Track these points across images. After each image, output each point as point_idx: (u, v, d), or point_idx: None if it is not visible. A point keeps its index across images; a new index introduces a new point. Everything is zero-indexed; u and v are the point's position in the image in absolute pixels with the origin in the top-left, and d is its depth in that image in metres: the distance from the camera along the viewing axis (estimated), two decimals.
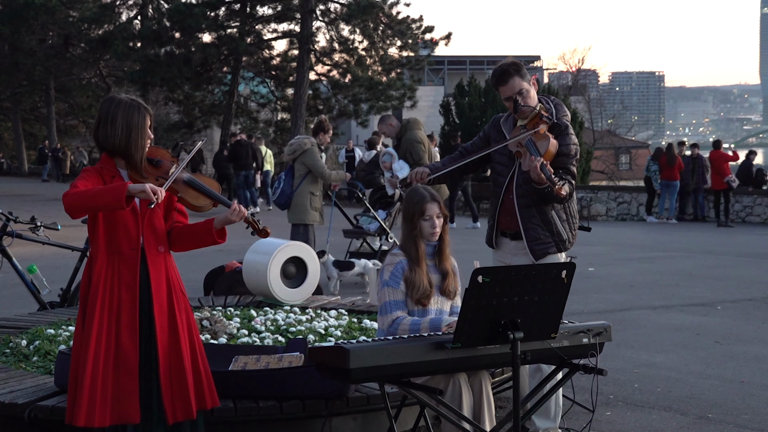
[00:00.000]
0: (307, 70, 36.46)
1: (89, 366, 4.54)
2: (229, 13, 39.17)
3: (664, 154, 25.50)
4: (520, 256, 5.86)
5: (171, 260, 4.87)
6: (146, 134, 4.75)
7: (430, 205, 5.35)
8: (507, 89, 5.80)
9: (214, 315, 7.54)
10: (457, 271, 5.52)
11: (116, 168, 4.74)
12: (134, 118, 4.72)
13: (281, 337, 7.27)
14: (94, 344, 4.56)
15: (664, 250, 17.78)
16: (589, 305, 11.16)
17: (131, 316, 4.63)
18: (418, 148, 12.73)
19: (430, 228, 5.34)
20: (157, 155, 4.85)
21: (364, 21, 36.68)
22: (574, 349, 4.84)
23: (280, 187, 11.81)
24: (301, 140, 11.89)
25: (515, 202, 5.83)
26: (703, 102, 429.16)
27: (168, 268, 4.81)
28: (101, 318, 4.60)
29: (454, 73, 69.47)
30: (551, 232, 5.84)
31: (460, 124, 34.32)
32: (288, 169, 11.97)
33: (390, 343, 4.51)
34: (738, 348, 9.05)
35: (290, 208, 11.79)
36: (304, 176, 11.75)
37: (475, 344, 4.50)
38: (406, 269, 5.30)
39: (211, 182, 4.96)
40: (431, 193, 5.42)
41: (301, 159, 11.78)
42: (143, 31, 39.78)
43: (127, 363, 4.60)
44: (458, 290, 5.45)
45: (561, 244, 5.88)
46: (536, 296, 4.46)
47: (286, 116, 43.05)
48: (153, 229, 4.76)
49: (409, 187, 5.71)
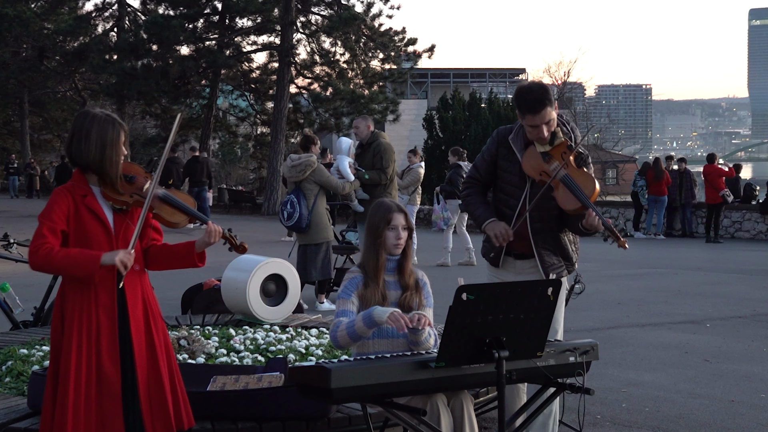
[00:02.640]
0: (287, 83, 36.50)
1: (71, 391, 4.51)
2: (207, 25, 39.25)
3: (652, 168, 25.59)
4: (526, 275, 5.77)
5: (146, 279, 4.87)
6: (120, 150, 4.73)
7: (397, 215, 5.29)
8: (537, 119, 5.57)
9: (191, 334, 7.51)
10: (423, 284, 5.40)
11: (88, 186, 4.72)
12: (108, 133, 4.70)
13: (261, 356, 7.24)
14: (74, 369, 4.53)
15: (651, 267, 17.82)
16: (575, 323, 11.17)
17: (111, 339, 4.61)
18: (389, 156, 12.58)
19: (394, 239, 5.26)
20: (131, 171, 4.84)
21: (345, 33, 36.76)
22: (560, 368, 4.84)
23: (297, 212, 11.85)
24: (305, 159, 11.97)
25: (528, 226, 5.72)
26: (691, 115, 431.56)
27: (144, 287, 4.80)
28: (80, 342, 4.57)
29: (438, 86, 69.51)
30: (563, 256, 5.81)
31: (444, 138, 34.41)
32: (296, 192, 11.98)
33: (372, 362, 4.50)
34: (727, 366, 9.07)
35: (310, 229, 11.85)
36: (317, 195, 11.89)
37: (459, 363, 4.49)
38: (360, 285, 5.24)
39: (186, 198, 4.95)
40: (398, 205, 5.38)
41: (310, 178, 11.89)
42: (120, 43, 39.76)
43: (110, 388, 4.58)
44: (423, 303, 5.36)
45: (570, 267, 5.86)
46: (522, 314, 4.46)
47: (265, 130, 43.12)
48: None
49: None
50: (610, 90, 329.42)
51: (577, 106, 63.75)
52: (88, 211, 4.65)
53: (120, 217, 4.71)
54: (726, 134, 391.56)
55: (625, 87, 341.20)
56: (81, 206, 4.64)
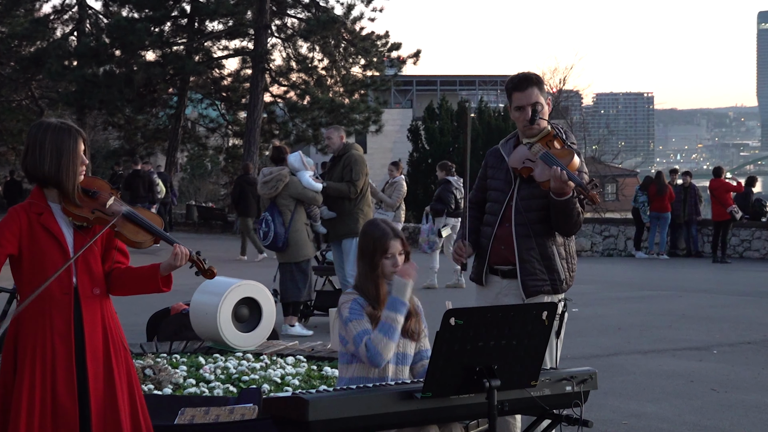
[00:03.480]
0: (261, 92, 36.53)
1: (23, 425, 4.49)
2: (175, 29, 39.23)
3: (654, 183, 25.63)
4: (510, 297, 5.74)
5: (108, 304, 4.83)
6: (79, 159, 4.71)
7: (394, 242, 5.30)
8: (523, 97, 5.75)
9: (158, 363, 7.50)
10: (420, 311, 5.46)
11: (46, 202, 4.71)
12: (65, 142, 4.68)
13: (233, 386, 7.23)
14: (26, 400, 4.51)
15: (654, 289, 17.86)
16: (572, 350, 11.18)
17: (67, 368, 4.59)
18: (361, 168, 12.32)
19: (392, 267, 5.29)
20: (94, 186, 4.82)
21: (324, 37, 36.84)
22: (556, 398, 4.85)
23: (272, 230, 11.86)
24: (277, 174, 11.99)
25: (513, 230, 5.73)
26: (696, 126, 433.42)
27: (104, 313, 4.77)
28: (33, 371, 4.55)
29: (424, 95, 69.72)
30: (549, 268, 5.75)
31: (430, 151, 34.45)
32: (270, 208, 11.98)
33: (353, 392, 4.50)
34: (736, 396, 9.09)
35: (288, 248, 11.85)
36: (293, 210, 11.87)
37: (447, 393, 4.49)
38: (365, 305, 5.23)
39: (152, 216, 4.93)
40: (393, 229, 5.39)
41: (285, 192, 11.89)
42: (80, 48, 39.68)
43: (66, 421, 4.56)
44: (423, 332, 5.41)
45: (557, 284, 5.78)
46: (514, 340, 4.47)
47: (238, 142, 43.06)
48: (88, 269, 4.72)
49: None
50: (609, 98, 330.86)
51: (573, 116, 63.93)
52: (42, 229, 4.63)
53: (80, 235, 4.69)
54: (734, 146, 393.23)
55: (625, 95, 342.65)
56: (36, 225, 4.63)
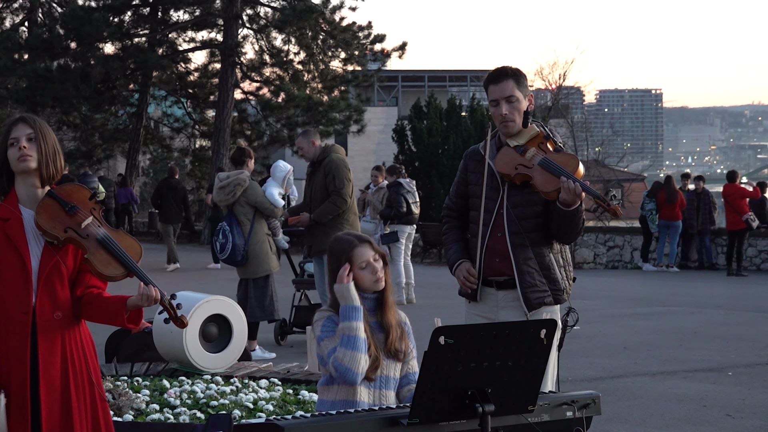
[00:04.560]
0: (231, 88, 36.47)
1: None
2: (136, 19, 39.11)
3: (663, 189, 25.66)
4: (508, 309, 5.82)
5: (74, 332, 4.75)
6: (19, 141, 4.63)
7: (360, 250, 5.22)
8: (497, 90, 5.88)
9: (117, 386, 7.49)
10: (406, 327, 5.39)
11: (17, 207, 4.66)
12: (3, 133, 4.65)
13: (200, 412, 7.23)
14: None
15: (663, 305, 17.90)
16: (574, 371, 11.20)
17: (21, 394, 4.56)
18: (344, 173, 11.80)
19: (371, 275, 5.22)
20: (73, 198, 4.69)
21: (300, 28, 36.77)
22: (556, 425, 4.85)
23: (230, 241, 11.62)
24: (235, 178, 11.76)
25: (507, 240, 5.80)
26: (708, 126, 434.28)
27: (68, 340, 4.70)
28: None
29: (410, 92, 69.62)
30: (549, 278, 5.84)
31: (418, 153, 34.41)
32: (228, 217, 11.82)
33: (332, 418, 4.50)
34: (753, 423, 9.12)
35: (248, 262, 11.70)
36: (252, 219, 11.68)
37: (436, 420, 4.49)
38: (339, 323, 5.17)
39: (132, 245, 4.75)
40: (357, 236, 5.33)
41: (243, 199, 11.70)
42: (31, 40, 39.51)
43: None
44: (411, 352, 5.38)
45: (559, 294, 5.88)
46: (510, 361, 4.47)
47: (205, 143, 42.97)
48: (51, 290, 4.64)
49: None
50: (613, 96, 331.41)
51: (574, 115, 64.02)
52: (5, 238, 4.60)
53: (50, 252, 4.63)
54: (750, 148, 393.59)
55: (631, 92, 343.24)
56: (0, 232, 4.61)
